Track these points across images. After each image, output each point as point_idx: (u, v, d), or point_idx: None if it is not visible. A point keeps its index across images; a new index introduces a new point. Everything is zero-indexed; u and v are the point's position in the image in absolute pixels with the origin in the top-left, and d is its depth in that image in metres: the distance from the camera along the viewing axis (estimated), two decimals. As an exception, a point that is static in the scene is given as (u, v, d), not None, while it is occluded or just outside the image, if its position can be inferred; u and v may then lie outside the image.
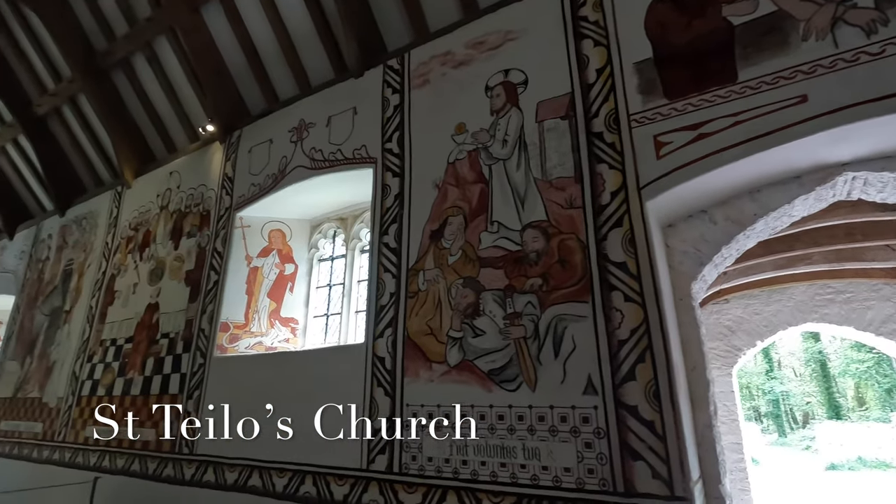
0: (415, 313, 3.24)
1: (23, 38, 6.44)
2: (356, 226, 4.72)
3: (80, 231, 6.67)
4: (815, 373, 24.84)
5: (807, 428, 23.82)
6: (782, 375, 26.42)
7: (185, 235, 5.12)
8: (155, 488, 4.19)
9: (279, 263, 4.80)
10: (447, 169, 3.43)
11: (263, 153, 4.71)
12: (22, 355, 6.65)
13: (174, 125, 5.89)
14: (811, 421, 24.29)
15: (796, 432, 24.56)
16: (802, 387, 25.92)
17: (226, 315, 4.42)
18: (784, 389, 25.82)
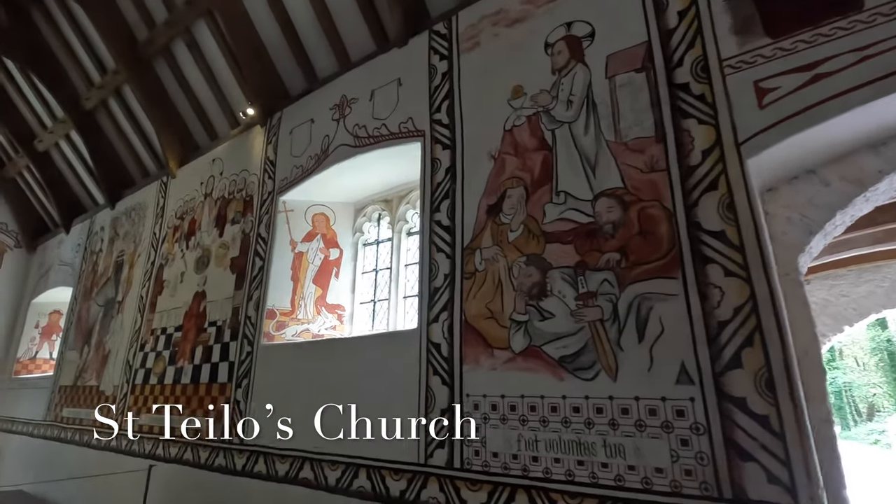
0: (472, 296, 2.96)
1: (69, 32, 6.52)
2: (402, 207, 4.48)
3: (130, 222, 6.75)
4: (882, 363, 23.15)
5: (874, 421, 22.28)
6: (844, 365, 24.78)
7: (229, 222, 5.04)
8: (207, 478, 4.13)
9: (324, 248, 4.63)
10: (504, 137, 3.12)
11: (305, 134, 4.53)
12: (80, 345, 6.83)
13: (215, 112, 5.82)
14: (877, 413, 22.72)
15: (862, 425, 23.00)
16: (867, 377, 24.22)
17: (272, 302, 4.29)
18: (847, 380, 24.21)
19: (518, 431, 2.57)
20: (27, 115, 7.90)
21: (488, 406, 2.71)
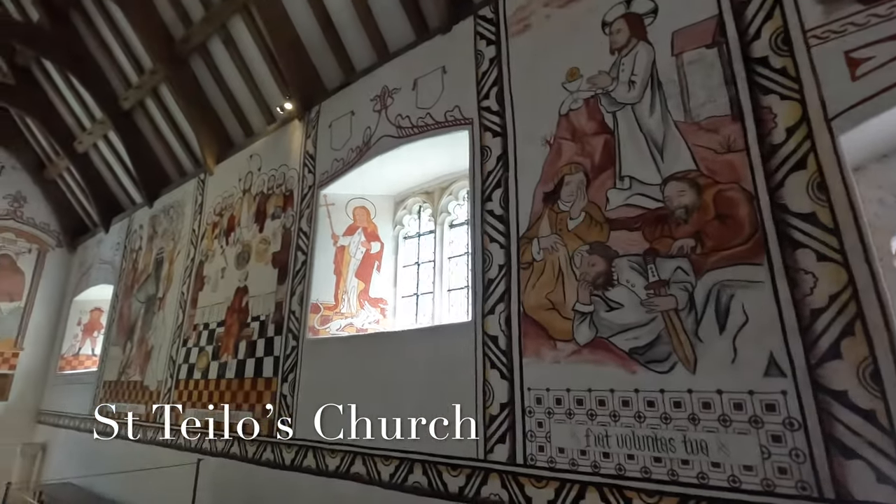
0: (531, 286, 2.86)
1: (108, 34, 6.61)
2: (444, 199, 4.39)
3: (169, 220, 6.84)
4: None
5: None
6: None
7: (270, 217, 5.04)
8: (255, 472, 4.14)
9: (365, 242, 4.58)
10: (559, 122, 3.00)
11: (345, 126, 4.48)
12: (123, 341, 6.97)
13: (251, 108, 5.82)
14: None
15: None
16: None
17: (315, 296, 4.27)
18: None
19: (586, 426, 2.47)
20: (67, 118, 8.08)
21: (552, 400, 2.61)
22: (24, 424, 8.43)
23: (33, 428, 8.46)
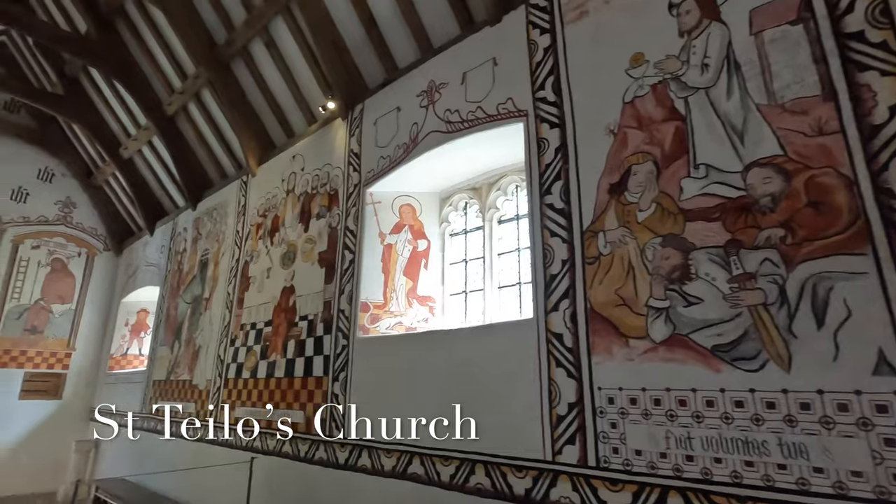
0: (598, 281, 2.75)
1: (152, 41, 6.77)
2: (492, 194, 4.31)
3: (212, 222, 6.97)
4: None
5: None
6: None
7: (315, 217, 5.05)
8: (309, 471, 4.15)
9: (412, 240, 4.54)
10: (623, 110, 2.88)
11: (391, 123, 4.44)
12: (170, 341, 7.13)
13: (292, 109, 5.86)
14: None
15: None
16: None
17: (365, 295, 4.25)
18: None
19: (665, 427, 2.35)
20: (113, 125, 8.33)
21: (626, 400, 2.50)
22: (77, 422, 8.74)
23: (86, 425, 8.76)
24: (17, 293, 8.65)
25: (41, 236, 9.09)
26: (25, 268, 8.81)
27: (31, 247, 8.94)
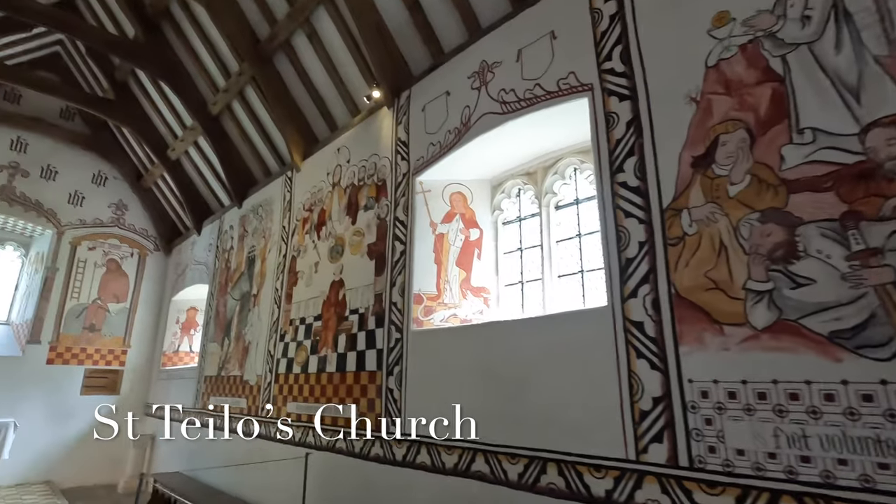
0: (683, 264, 2.51)
1: (196, 41, 6.85)
2: (548, 179, 4.09)
3: (258, 219, 7.01)
4: None
5: None
6: None
7: (362, 209, 4.95)
8: (365, 467, 4.05)
9: (464, 229, 4.37)
10: (706, 75, 2.61)
11: (440, 108, 4.28)
12: (220, 337, 7.23)
13: (335, 102, 5.79)
14: None
15: None
16: None
17: (418, 286, 4.11)
18: None
19: (774, 425, 2.09)
20: (160, 127, 8.53)
21: (723, 394, 2.25)
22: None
23: (143, 420, 9.04)
24: (76, 293, 9.00)
25: (96, 238, 9.43)
26: (83, 268, 9.16)
27: (87, 248, 9.29)
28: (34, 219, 8.82)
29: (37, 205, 8.85)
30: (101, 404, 7.79)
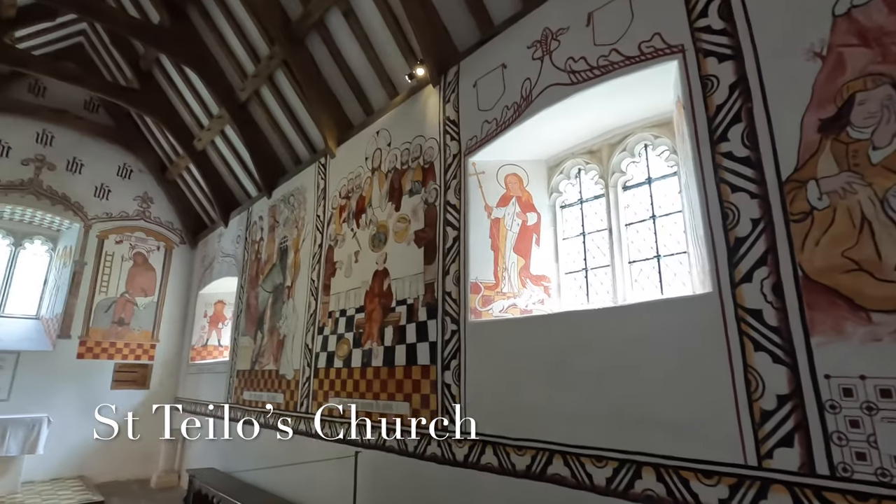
0: (812, 243, 2.18)
1: (224, 24, 6.61)
2: (616, 156, 3.76)
3: (289, 208, 6.78)
4: None
5: None
6: None
7: (407, 194, 4.68)
8: (421, 468, 3.80)
9: (520, 213, 4.08)
10: (835, 25, 2.26)
11: (495, 82, 3.97)
12: (252, 331, 7.05)
13: (372, 84, 5.50)
14: None
15: None
16: None
17: (474, 275, 3.83)
18: None
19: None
20: (186, 117, 8.33)
21: (873, 391, 1.94)
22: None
23: (172, 415, 8.94)
24: (104, 287, 8.91)
25: (123, 231, 9.33)
26: (111, 262, 9.07)
27: (114, 242, 9.18)
28: (61, 212, 8.72)
29: (63, 198, 8.75)
30: (101, 404, 7.64)
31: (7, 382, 7.73)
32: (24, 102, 8.50)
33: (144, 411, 8.71)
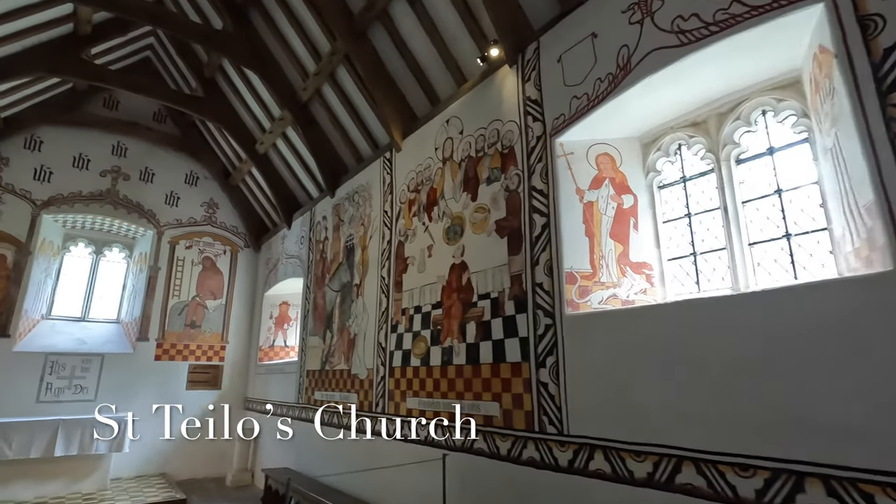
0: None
1: (285, 24, 6.61)
2: (727, 127, 3.36)
3: (354, 206, 6.70)
4: None
5: None
6: None
7: (484, 182, 4.43)
8: (517, 472, 3.54)
9: (615, 195, 3.74)
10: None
11: (584, 54, 3.65)
12: (321, 330, 7.03)
13: (438, 72, 5.30)
14: None
15: None
16: None
17: (569, 264, 3.53)
18: None
19: None
20: (248, 121, 8.47)
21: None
22: (235, 411, 9.14)
23: (243, 415, 9.13)
24: (177, 290, 9.21)
25: (192, 237, 9.62)
26: (182, 267, 9.37)
27: (184, 247, 9.49)
28: (136, 220, 9.09)
29: (138, 206, 9.12)
30: (102, 404, 7.78)
31: (94, 383, 8.11)
32: (100, 116, 8.92)
33: (217, 411, 8.93)
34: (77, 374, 8.01)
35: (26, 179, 8.21)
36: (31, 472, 6.70)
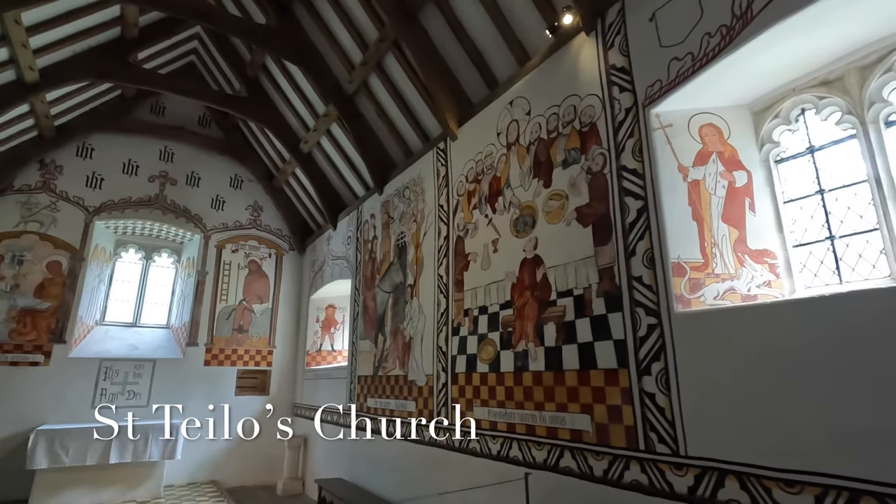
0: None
1: (330, 14, 6.33)
2: (874, 81, 2.76)
3: (405, 202, 6.34)
4: None
5: None
6: None
7: (560, 165, 3.95)
8: (618, 498, 3.03)
9: (725, 172, 3.19)
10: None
11: (686, 7, 3.13)
12: (372, 334, 6.69)
13: (497, 53, 4.85)
14: None
15: None
16: None
17: (675, 253, 3.01)
18: None
19: None
20: (292, 120, 8.27)
21: None
22: (283, 417, 8.94)
23: (292, 420, 8.92)
24: (224, 295, 9.12)
25: (238, 240, 9.53)
26: (229, 271, 9.28)
27: (231, 251, 9.40)
28: (184, 224, 9.06)
29: (185, 211, 9.09)
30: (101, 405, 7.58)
31: (146, 389, 8.06)
32: (148, 122, 8.94)
33: (266, 417, 8.75)
34: (130, 380, 7.98)
35: (79, 186, 8.28)
36: (86, 479, 6.64)
